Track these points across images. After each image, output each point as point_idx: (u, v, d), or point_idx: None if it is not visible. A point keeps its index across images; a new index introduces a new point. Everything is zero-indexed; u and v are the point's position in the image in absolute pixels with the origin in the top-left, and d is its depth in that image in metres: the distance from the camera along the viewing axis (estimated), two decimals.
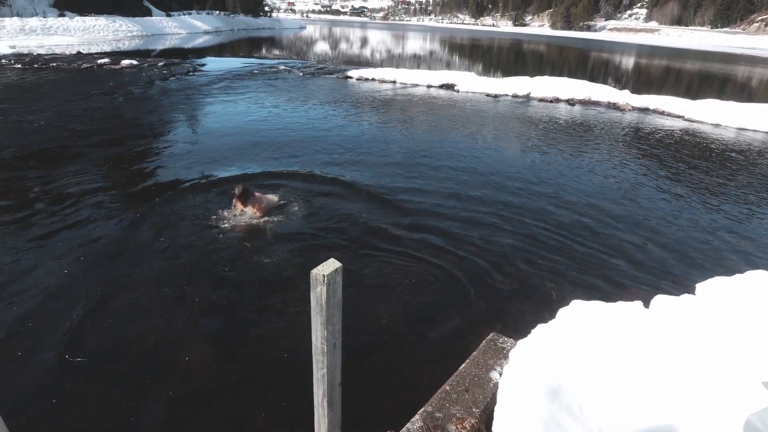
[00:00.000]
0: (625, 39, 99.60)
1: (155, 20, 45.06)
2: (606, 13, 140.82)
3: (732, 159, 9.25)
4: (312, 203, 5.81)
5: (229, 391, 2.97)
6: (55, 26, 33.00)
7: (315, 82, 16.83)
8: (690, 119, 13.10)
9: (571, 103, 14.76)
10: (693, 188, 7.29)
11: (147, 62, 19.91)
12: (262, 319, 3.66)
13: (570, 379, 2.43)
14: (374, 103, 13.20)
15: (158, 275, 4.16)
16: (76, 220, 5.09)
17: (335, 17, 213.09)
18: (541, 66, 32.80)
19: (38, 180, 6.21)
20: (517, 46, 56.15)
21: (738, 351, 2.52)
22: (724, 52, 66.29)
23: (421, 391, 2.74)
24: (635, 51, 56.89)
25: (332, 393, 1.90)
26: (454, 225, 5.46)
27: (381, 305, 3.92)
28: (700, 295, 3.24)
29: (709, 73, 32.12)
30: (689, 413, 2.21)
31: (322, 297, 1.63)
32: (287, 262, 4.45)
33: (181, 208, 5.47)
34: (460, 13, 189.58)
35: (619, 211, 6.14)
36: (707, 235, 5.59)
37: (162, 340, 3.38)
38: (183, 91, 13.90)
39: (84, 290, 3.88)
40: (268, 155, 7.69)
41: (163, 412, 2.79)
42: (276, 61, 23.26)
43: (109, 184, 6.21)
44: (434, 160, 7.94)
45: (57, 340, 3.31)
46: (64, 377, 2.99)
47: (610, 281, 4.40)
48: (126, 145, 8.07)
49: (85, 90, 13.10)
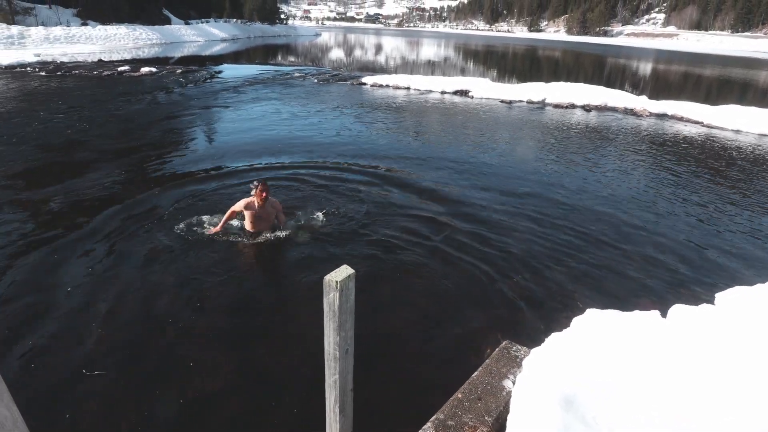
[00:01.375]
0: (643, 44, 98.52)
1: (174, 28, 45.96)
2: (623, 18, 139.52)
3: (754, 166, 9.06)
4: (325, 208, 5.85)
5: (241, 396, 2.99)
6: (78, 35, 33.84)
7: (329, 88, 16.97)
8: (710, 125, 12.87)
9: (587, 109, 14.62)
10: (713, 196, 7.16)
11: (166, 69, 20.29)
12: (274, 324, 3.69)
13: (585, 388, 2.40)
14: (388, 109, 13.25)
15: (172, 282, 4.22)
16: (93, 227, 5.19)
17: (350, 24, 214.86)
18: (557, 72, 32.60)
19: (58, 186, 6.35)
20: (532, 52, 55.92)
21: (758, 363, 2.47)
22: (745, 56, 65.18)
23: (433, 398, 2.73)
24: (653, 56, 56.27)
25: (344, 399, 1.90)
26: (467, 231, 5.44)
27: (393, 311, 3.92)
28: (720, 306, 3.18)
29: (730, 79, 31.58)
30: (707, 425, 2.17)
31: (335, 303, 1.64)
32: (298, 267, 4.48)
33: (193, 213, 5.55)
34: (475, 20, 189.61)
35: (637, 219, 6.06)
36: (729, 246, 5.47)
37: (174, 344, 3.42)
38: (200, 97, 14.13)
39: (99, 295, 3.95)
40: (280, 160, 7.76)
41: (174, 416, 2.82)
42: (291, 68, 23.51)
43: (127, 190, 6.31)
44: (446, 163, 7.93)
45: (71, 345, 3.38)
46: (77, 382, 3.05)
47: (627, 290, 4.34)
48: (144, 152, 8.22)
49: (106, 97, 13.41)
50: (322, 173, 7.20)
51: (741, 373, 2.42)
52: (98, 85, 15.65)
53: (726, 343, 2.66)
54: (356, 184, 6.77)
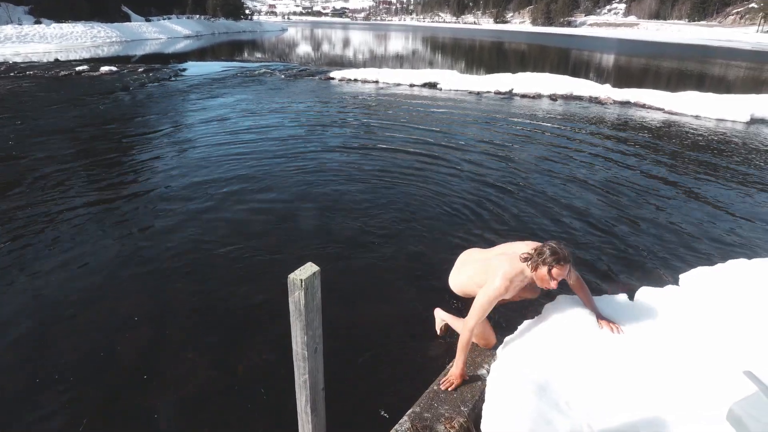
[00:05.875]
0: (606, 34, 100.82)
1: (134, 26, 44.47)
2: (585, 9, 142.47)
3: (713, 148, 9.38)
4: (288, 209, 5.77)
5: (213, 399, 2.91)
6: (31, 33, 32.33)
7: (297, 84, 16.73)
8: (670, 111, 13.26)
9: (554, 98, 14.86)
10: (676, 178, 7.37)
11: (127, 68, 19.62)
12: (246, 326, 3.61)
13: (557, 374, 2.43)
14: (356, 104, 13.15)
15: (138, 286, 4.09)
16: (55, 236, 4.98)
17: (316, 19, 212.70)
18: (523, 62, 33.03)
19: (15, 194, 6.07)
20: (498, 44, 56.50)
21: (719, 340, 2.54)
22: (703, 44, 67.48)
23: (409, 392, 2.72)
24: (615, 45, 57.62)
25: (315, 398, 1.86)
26: (436, 221, 5.45)
27: (364, 306, 3.88)
28: (684, 286, 3.27)
29: (688, 67, 32.63)
30: (674, 404, 2.22)
31: (301, 302, 1.60)
32: (269, 266, 4.40)
33: (162, 217, 5.39)
34: (442, 12, 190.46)
35: (603, 204, 6.18)
36: (694, 225, 5.64)
37: (144, 350, 3.31)
38: (164, 97, 13.72)
39: (71, 300, 3.80)
40: (245, 165, 7.60)
41: (144, 421, 2.73)
42: (258, 64, 23.08)
43: (92, 197, 6.08)
44: (416, 156, 7.92)
45: (32, 354, 3.24)
46: (39, 392, 2.91)
47: (597, 275, 4.42)
48: (107, 156, 7.92)
49: (64, 98, 12.87)
50: (289, 166, 7.11)
51: (701, 350, 2.49)
52: (54, 86, 15.00)
53: (688, 321, 2.73)
54: (324, 180, 6.71)
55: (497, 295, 2.51)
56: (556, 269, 2.39)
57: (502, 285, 2.49)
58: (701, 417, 2.12)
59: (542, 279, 2.45)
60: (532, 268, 2.46)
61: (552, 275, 2.41)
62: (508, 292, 2.51)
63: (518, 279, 2.51)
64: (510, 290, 2.51)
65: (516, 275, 2.50)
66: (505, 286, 2.48)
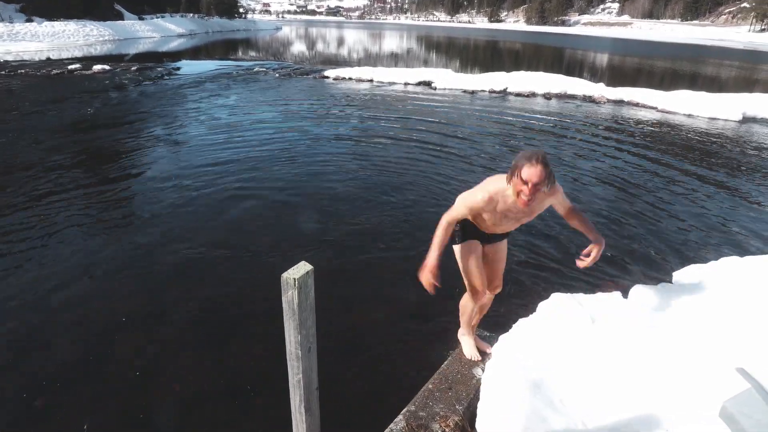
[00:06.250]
0: (599, 33, 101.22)
1: (127, 24, 44.15)
2: (579, 8, 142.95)
3: (706, 147, 9.44)
4: (283, 208, 5.75)
5: (209, 400, 2.90)
6: (23, 32, 32.02)
7: (292, 83, 16.68)
8: (664, 110, 13.34)
9: (548, 97, 14.90)
10: (668, 176, 7.40)
11: (120, 67, 19.48)
12: (240, 326, 3.59)
13: (551, 372, 2.43)
14: (351, 103, 13.12)
15: (134, 286, 4.07)
16: (47, 236, 4.94)
17: (311, 17, 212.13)
18: (518, 61, 33.10)
19: (6, 193, 6.01)
20: (493, 43, 56.55)
21: (712, 337, 2.55)
22: (696, 44, 67.85)
23: (404, 391, 2.71)
24: (609, 44, 57.82)
25: (309, 398, 1.85)
26: (431, 220, 5.43)
27: (360, 305, 3.88)
28: (677, 284, 3.28)
29: (681, 66, 32.81)
30: (667, 401, 2.23)
31: (294, 301, 1.59)
32: (263, 265, 4.38)
33: (156, 216, 5.36)
34: (436, 11, 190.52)
35: (599, 202, 6.20)
36: (687, 223, 5.67)
37: (138, 350, 3.29)
38: (157, 96, 13.64)
39: (65, 300, 3.76)
40: (239, 164, 7.57)
41: (139, 422, 2.71)
42: (252, 63, 22.97)
43: (85, 196, 6.03)
44: (411, 156, 7.92)
45: (28, 355, 3.21)
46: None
47: (590, 274, 4.43)
48: (100, 156, 7.88)
49: (56, 97, 12.76)
50: (283, 166, 7.09)
51: (695, 347, 2.50)
52: (47, 85, 14.89)
53: (681, 318, 2.74)
54: (318, 179, 6.70)
55: (473, 200, 2.41)
56: (525, 169, 2.14)
57: (479, 193, 2.40)
58: (694, 414, 2.13)
59: (516, 188, 2.23)
60: (508, 179, 2.28)
61: (522, 177, 2.16)
62: (488, 204, 2.37)
63: (499, 195, 2.36)
64: (489, 203, 2.37)
65: (497, 192, 2.35)
66: (482, 197, 2.37)
